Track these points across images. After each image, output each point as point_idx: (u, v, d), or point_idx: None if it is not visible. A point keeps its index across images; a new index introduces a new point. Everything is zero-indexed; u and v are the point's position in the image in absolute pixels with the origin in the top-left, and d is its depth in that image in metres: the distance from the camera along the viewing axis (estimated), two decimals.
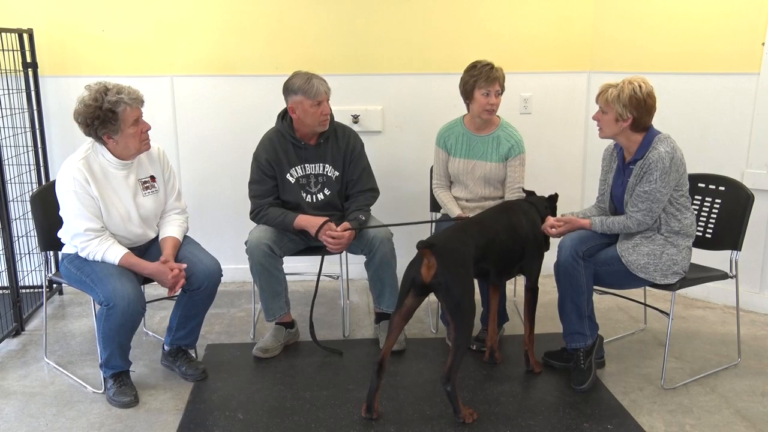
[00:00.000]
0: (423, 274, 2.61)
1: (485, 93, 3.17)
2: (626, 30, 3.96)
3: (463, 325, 2.62)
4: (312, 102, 3.09)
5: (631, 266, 2.83)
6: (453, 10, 3.99)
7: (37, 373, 3.11)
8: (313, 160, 3.26)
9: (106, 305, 2.69)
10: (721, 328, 3.56)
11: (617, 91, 2.76)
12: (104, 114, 2.67)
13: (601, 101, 2.82)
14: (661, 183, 2.75)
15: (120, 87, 2.72)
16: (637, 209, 2.82)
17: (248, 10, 3.91)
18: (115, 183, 2.82)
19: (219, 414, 2.75)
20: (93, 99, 2.67)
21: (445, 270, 2.59)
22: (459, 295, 2.60)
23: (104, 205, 2.78)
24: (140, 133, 2.77)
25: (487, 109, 3.20)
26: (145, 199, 2.91)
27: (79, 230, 2.75)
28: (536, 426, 2.65)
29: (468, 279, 2.66)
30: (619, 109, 2.76)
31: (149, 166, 2.95)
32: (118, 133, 2.72)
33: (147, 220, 2.94)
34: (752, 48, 3.54)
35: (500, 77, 3.18)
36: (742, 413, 2.74)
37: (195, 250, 2.98)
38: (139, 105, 2.76)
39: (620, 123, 2.79)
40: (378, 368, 2.65)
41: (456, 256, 2.65)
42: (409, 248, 3.93)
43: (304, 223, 3.18)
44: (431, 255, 2.59)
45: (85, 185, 2.73)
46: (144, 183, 2.92)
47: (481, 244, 2.78)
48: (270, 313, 3.25)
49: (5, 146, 3.61)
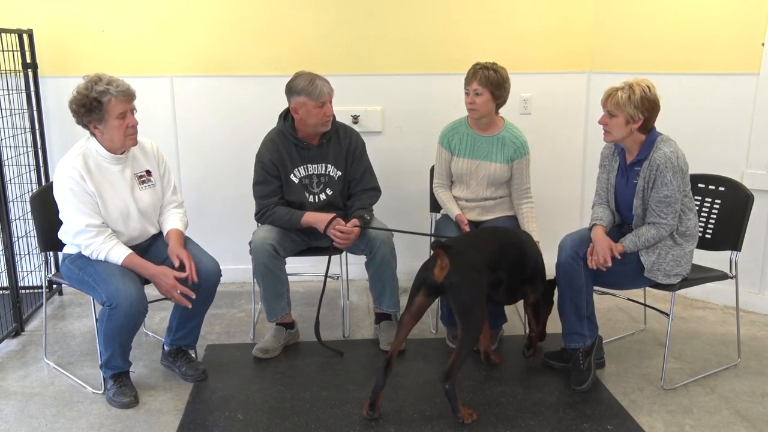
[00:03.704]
0: (436, 274, 2.62)
1: (466, 92, 3.22)
2: (626, 30, 3.96)
3: (470, 328, 2.62)
4: (315, 103, 3.09)
5: (647, 265, 2.84)
6: (453, 11, 3.99)
7: (36, 373, 3.11)
8: (315, 161, 3.27)
9: (108, 305, 2.69)
10: (720, 328, 3.56)
11: (627, 93, 2.76)
12: (90, 102, 2.70)
13: (610, 105, 2.79)
14: (676, 183, 2.76)
15: (111, 79, 2.74)
16: (664, 215, 2.80)
17: (248, 10, 3.91)
18: (111, 178, 2.83)
19: (219, 414, 2.75)
20: (84, 87, 2.73)
21: (457, 271, 2.60)
22: (469, 297, 2.61)
23: (102, 200, 2.79)
24: (126, 127, 2.77)
25: (467, 107, 3.24)
26: (143, 193, 2.92)
27: (80, 227, 2.75)
28: (536, 426, 2.65)
29: (479, 283, 2.66)
30: (630, 111, 2.76)
31: (144, 161, 2.96)
32: (102, 123, 2.74)
33: (146, 215, 2.94)
34: (752, 48, 3.54)
35: (481, 77, 3.15)
36: (742, 414, 2.74)
37: (194, 250, 2.98)
38: (128, 99, 2.76)
39: (630, 125, 2.79)
40: (386, 366, 2.67)
41: (470, 260, 2.66)
42: (409, 249, 3.95)
43: (312, 219, 3.18)
44: (445, 256, 2.61)
45: (81, 182, 2.74)
46: (140, 177, 2.93)
47: (495, 249, 2.79)
48: (272, 313, 3.25)
49: (5, 147, 3.61)
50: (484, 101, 3.19)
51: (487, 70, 3.17)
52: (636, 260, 2.86)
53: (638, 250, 2.85)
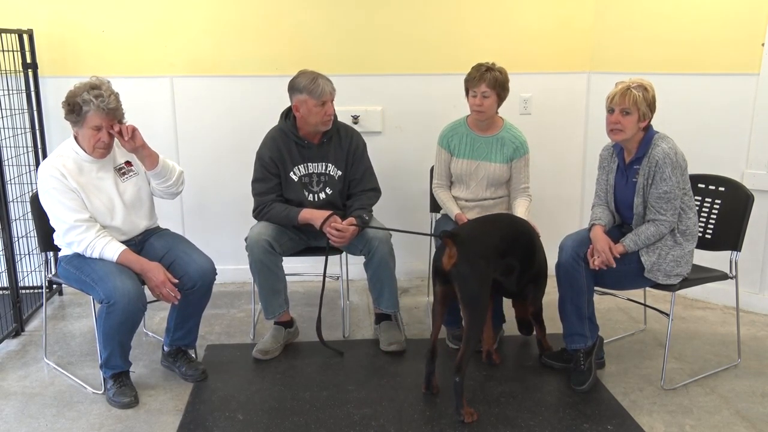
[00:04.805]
0: (444, 262, 2.66)
1: (473, 94, 3.21)
2: (626, 30, 3.96)
3: (475, 316, 2.65)
4: (316, 102, 3.09)
5: (647, 266, 2.84)
6: (453, 11, 3.99)
7: (36, 373, 3.11)
8: (315, 159, 3.27)
9: (106, 303, 2.69)
10: (721, 328, 3.56)
11: (640, 91, 2.76)
12: (73, 105, 2.75)
13: (628, 103, 2.75)
14: (675, 179, 2.76)
15: (103, 93, 2.74)
16: (663, 212, 2.80)
17: (248, 10, 3.91)
18: (92, 174, 2.86)
19: (219, 415, 2.75)
20: (75, 88, 2.77)
21: (464, 261, 2.62)
22: (475, 286, 2.63)
23: (86, 195, 2.81)
24: (96, 140, 2.78)
25: (474, 110, 3.23)
26: (126, 185, 2.94)
27: (69, 224, 2.76)
28: (536, 426, 2.65)
29: (486, 273, 2.68)
30: (644, 110, 2.77)
31: (121, 153, 2.97)
32: (78, 126, 2.80)
33: (133, 207, 2.95)
34: (752, 48, 3.53)
35: (489, 79, 3.16)
36: (742, 414, 2.74)
37: (188, 249, 2.98)
38: (109, 116, 2.76)
39: (641, 123, 2.79)
40: (431, 356, 2.82)
41: (478, 248, 2.68)
42: (408, 249, 3.96)
43: (309, 216, 3.18)
44: (453, 245, 2.63)
45: (62, 180, 2.76)
46: (120, 170, 2.95)
47: (506, 235, 2.81)
48: (269, 311, 3.25)
49: (5, 147, 3.61)
50: (491, 103, 3.21)
51: (492, 71, 3.17)
52: (636, 260, 2.86)
53: (639, 249, 2.85)
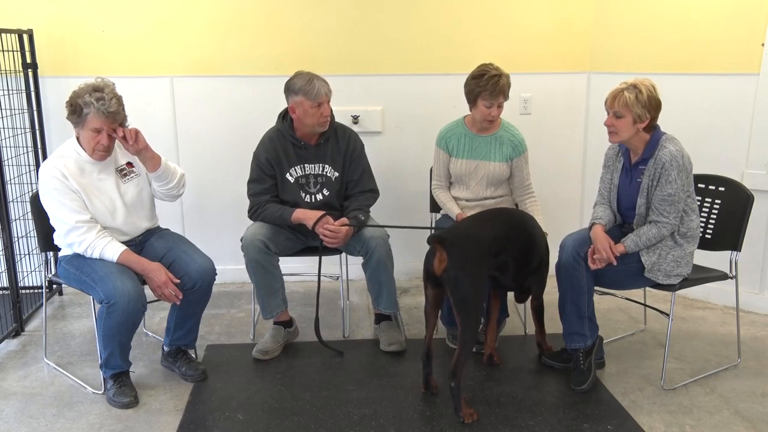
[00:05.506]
0: (435, 267, 2.65)
1: (488, 105, 3.17)
2: (626, 30, 3.96)
3: (469, 320, 2.64)
4: (312, 103, 3.09)
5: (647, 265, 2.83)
6: (453, 11, 3.99)
7: (36, 373, 3.11)
8: (312, 161, 3.27)
9: (107, 303, 2.69)
10: (720, 328, 3.56)
11: (634, 93, 2.76)
12: (75, 106, 2.75)
13: (618, 105, 2.78)
14: (680, 182, 2.76)
15: (102, 96, 2.73)
16: (666, 214, 2.80)
17: (248, 10, 3.91)
18: (93, 175, 2.86)
19: (219, 415, 2.75)
20: (79, 89, 2.77)
21: (455, 265, 2.61)
22: (467, 290, 2.62)
23: (87, 196, 2.81)
24: (96, 142, 2.78)
25: (488, 119, 3.22)
26: (128, 186, 2.94)
27: (70, 224, 2.76)
28: (536, 426, 2.65)
29: (478, 275, 2.66)
30: (638, 111, 2.76)
31: (125, 154, 2.97)
32: (79, 127, 2.80)
33: (134, 208, 2.95)
34: (752, 48, 3.54)
35: (505, 88, 3.16)
36: (742, 414, 2.74)
37: (188, 249, 2.98)
38: (109, 119, 2.75)
39: (637, 125, 2.79)
40: (426, 358, 2.82)
41: (468, 251, 2.66)
42: (407, 249, 3.96)
43: (302, 216, 3.18)
44: (442, 249, 2.62)
45: (63, 181, 2.77)
46: (122, 171, 2.95)
47: (499, 232, 2.79)
48: (267, 310, 3.25)
49: (5, 147, 3.61)
50: (502, 110, 3.23)
51: (501, 77, 3.14)
52: (636, 260, 2.86)
53: (639, 249, 2.85)
